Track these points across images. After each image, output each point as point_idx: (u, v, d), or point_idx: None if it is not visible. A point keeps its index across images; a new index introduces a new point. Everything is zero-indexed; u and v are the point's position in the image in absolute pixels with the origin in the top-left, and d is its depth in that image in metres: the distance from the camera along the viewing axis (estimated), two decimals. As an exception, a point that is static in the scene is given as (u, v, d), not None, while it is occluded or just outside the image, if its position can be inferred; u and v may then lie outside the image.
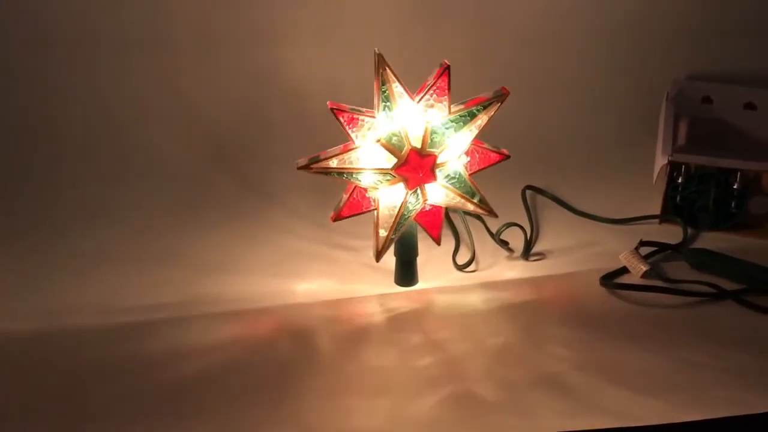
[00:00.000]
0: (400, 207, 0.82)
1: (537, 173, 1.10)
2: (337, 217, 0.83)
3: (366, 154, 0.80)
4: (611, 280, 0.90)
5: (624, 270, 0.92)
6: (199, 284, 0.90)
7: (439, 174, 0.82)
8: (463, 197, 0.84)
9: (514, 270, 0.93)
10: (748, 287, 0.87)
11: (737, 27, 1.20)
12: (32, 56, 1.16)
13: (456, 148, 0.82)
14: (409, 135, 0.79)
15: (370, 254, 0.94)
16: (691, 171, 0.99)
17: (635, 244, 0.94)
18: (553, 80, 1.22)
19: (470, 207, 0.85)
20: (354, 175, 0.80)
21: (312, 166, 0.79)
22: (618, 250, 0.94)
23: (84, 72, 1.16)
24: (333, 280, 0.91)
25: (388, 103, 0.78)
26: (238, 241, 0.99)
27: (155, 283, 0.90)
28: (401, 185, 0.81)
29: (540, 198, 1.08)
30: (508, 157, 0.85)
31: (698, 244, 0.98)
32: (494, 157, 0.85)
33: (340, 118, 0.78)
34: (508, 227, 0.95)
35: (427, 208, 0.84)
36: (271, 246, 0.98)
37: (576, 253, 0.96)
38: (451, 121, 0.80)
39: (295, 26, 1.17)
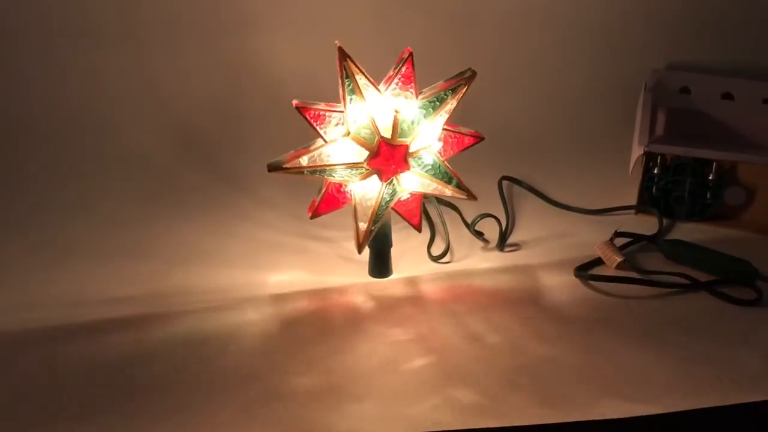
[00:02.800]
0: (377, 200, 0.81)
1: (514, 164, 1.09)
2: (315, 214, 0.82)
3: (337, 149, 0.79)
4: (586, 271, 0.89)
5: (599, 261, 0.92)
6: (169, 277, 0.89)
7: (414, 162, 0.81)
8: (440, 183, 0.83)
9: (489, 261, 0.93)
10: (722, 278, 0.87)
11: (716, 17, 1.20)
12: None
13: (428, 135, 0.81)
14: (378, 126, 0.78)
15: (344, 245, 0.93)
16: (667, 161, 0.99)
17: (611, 234, 0.94)
18: (531, 70, 1.21)
19: (448, 192, 0.84)
20: (327, 172, 0.79)
21: (283, 166, 0.79)
22: (593, 240, 0.94)
23: (49, 61, 1.14)
24: (306, 272, 0.90)
25: (353, 96, 0.77)
26: (209, 233, 0.98)
27: (124, 276, 0.89)
28: (375, 177, 0.80)
29: (516, 188, 1.08)
30: (482, 138, 0.84)
31: (673, 234, 0.98)
32: (468, 140, 0.84)
33: (306, 116, 0.77)
34: (483, 218, 0.95)
35: (405, 197, 0.84)
36: (243, 238, 0.97)
37: (551, 243, 0.96)
38: (420, 108, 0.79)
39: (268, 15, 1.15)
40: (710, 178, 0.98)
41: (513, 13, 1.20)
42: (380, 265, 0.89)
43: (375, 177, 0.80)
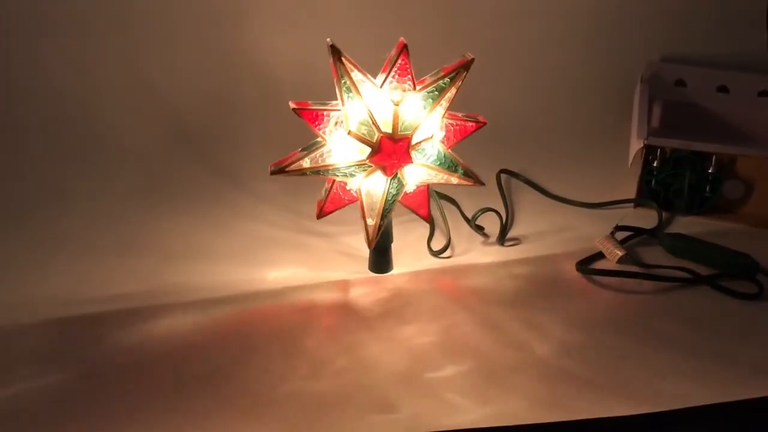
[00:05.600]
0: (383, 195, 0.80)
1: (512, 157, 1.09)
2: (321, 214, 0.81)
3: (338, 148, 0.78)
4: (587, 265, 0.89)
5: (600, 255, 0.91)
6: (164, 273, 0.87)
7: (417, 154, 0.80)
8: (445, 172, 0.82)
9: (489, 255, 0.92)
10: (723, 272, 0.87)
11: (710, 9, 1.20)
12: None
13: (429, 126, 0.80)
14: (377, 122, 0.77)
15: (343, 240, 0.92)
16: (667, 155, 0.99)
17: (610, 228, 0.94)
18: (527, 63, 1.20)
19: (454, 181, 0.83)
20: (330, 171, 0.78)
21: (286, 169, 0.78)
22: (593, 234, 0.94)
23: (38, 52, 1.11)
24: (305, 268, 0.88)
25: (350, 94, 0.75)
26: (204, 228, 0.96)
27: (118, 272, 0.87)
28: (379, 173, 0.79)
29: (515, 182, 1.07)
30: (485, 124, 0.83)
31: (673, 228, 0.97)
32: (470, 126, 0.82)
33: (305, 118, 0.76)
34: (483, 212, 0.94)
35: (411, 190, 0.83)
36: (239, 233, 0.95)
37: (551, 237, 0.95)
38: (420, 99, 0.78)
39: (263, 7, 1.13)
40: (710, 171, 0.98)
41: (509, 4, 1.19)
42: (380, 260, 0.88)
43: (379, 173, 0.79)
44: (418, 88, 0.77)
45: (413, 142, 0.79)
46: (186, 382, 0.72)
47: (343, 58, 0.74)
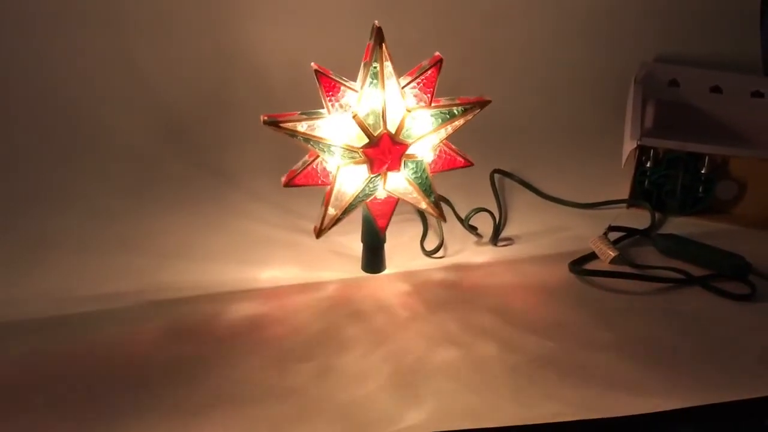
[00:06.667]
0: (359, 189, 0.80)
1: (505, 157, 1.09)
2: (290, 183, 0.79)
3: (337, 127, 0.77)
4: (580, 265, 0.89)
5: (593, 255, 0.91)
6: (158, 271, 0.87)
7: (405, 165, 0.80)
8: (420, 194, 0.82)
9: (482, 255, 0.92)
10: (715, 273, 0.88)
11: (703, 10, 1.20)
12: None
13: (427, 143, 0.80)
14: (386, 118, 0.77)
15: (337, 240, 0.92)
16: (660, 155, 0.99)
17: (603, 228, 0.94)
18: (521, 63, 1.20)
19: (423, 206, 0.83)
20: (320, 145, 0.77)
21: (280, 124, 0.76)
22: (586, 234, 0.94)
23: (32, 48, 1.10)
24: (298, 267, 0.88)
25: (375, 81, 0.75)
26: (197, 227, 0.96)
27: (112, 270, 0.87)
28: (364, 167, 0.79)
29: (508, 182, 1.07)
30: (472, 164, 0.85)
31: (666, 229, 0.98)
32: (459, 162, 0.84)
33: (321, 83, 0.75)
34: (476, 212, 0.94)
35: (382, 197, 0.82)
36: (233, 231, 0.95)
37: (544, 237, 0.96)
38: (431, 116, 0.79)
39: (258, 4, 1.13)
40: (703, 171, 0.98)
41: (502, 3, 1.19)
42: (373, 260, 0.88)
43: (363, 167, 0.79)
44: (432, 104, 0.79)
45: (408, 151, 0.79)
46: (179, 379, 0.72)
47: (384, 45, 0.74)
